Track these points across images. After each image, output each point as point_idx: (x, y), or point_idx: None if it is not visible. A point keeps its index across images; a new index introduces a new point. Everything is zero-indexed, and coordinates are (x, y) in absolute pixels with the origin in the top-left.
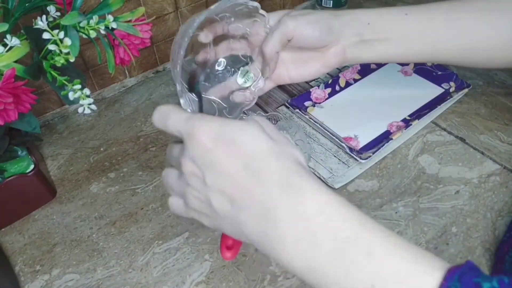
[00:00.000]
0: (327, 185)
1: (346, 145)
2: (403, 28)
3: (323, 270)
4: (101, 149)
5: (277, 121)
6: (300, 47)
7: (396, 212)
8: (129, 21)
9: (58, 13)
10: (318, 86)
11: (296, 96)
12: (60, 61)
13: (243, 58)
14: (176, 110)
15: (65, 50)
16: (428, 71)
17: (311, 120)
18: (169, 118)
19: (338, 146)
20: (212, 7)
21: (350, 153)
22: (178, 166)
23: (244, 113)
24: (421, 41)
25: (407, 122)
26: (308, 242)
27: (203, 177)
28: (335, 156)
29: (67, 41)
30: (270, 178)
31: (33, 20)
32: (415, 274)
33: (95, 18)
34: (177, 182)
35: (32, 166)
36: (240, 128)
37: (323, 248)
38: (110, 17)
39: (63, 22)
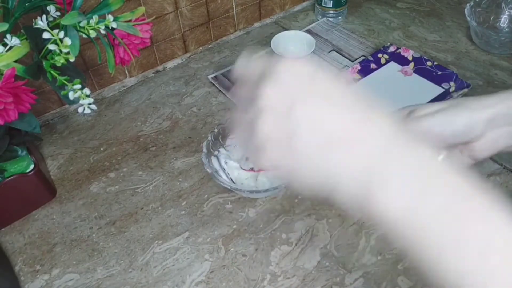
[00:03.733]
0: None
1: None
2: None
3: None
4: (101, 149)
5: None
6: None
7: None
8: (129, 21)
9: (58, 13)
10: None
11: None
12: (60, 60)
13: None
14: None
15: (65, 50)
16: (428, 71)
17: None
18: (255, 57)
19: None
20: None
21: None
22: (252, 104)
23: None
24: None
25: None
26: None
27: (290, 108)
28: None
29: (67, 41)
30: (384, 119)
31: (33, 20)
32: None
33: (95, 18)
34: (246, 121)
35: (32, 166)
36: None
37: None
38: (110, 17)
39: (63, 22)
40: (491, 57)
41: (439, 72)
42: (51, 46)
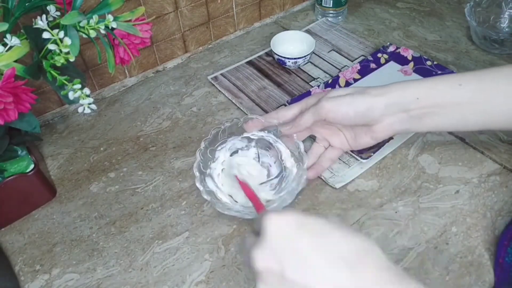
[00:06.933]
0: (328, 185)
1: None
2: (456, 100)
3: None
4: (101, 148)
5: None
6: (340, 124)
7: (396, 212)
8: (129, 20)
9: (58, 13)
10: (318, 86)
11: (296, 96)
12: (60, 60)
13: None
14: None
15: (65, 50)
16: (428, 70)
17: None
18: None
19: None
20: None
21: (350, 152)
22: (251, 262)
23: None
24: (477, 111)
25: None
26: None
27: (281, 272)
28: None
29: (67, 41)
30: (370, 275)
31: (33, 19)
32: None
33: (95, 17)
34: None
35: (32, 166)
36: (325, 221)
37: None
38: (110, 17)
39: (63, 21)
40: (491, 57)
41: (439, 72)
42: (51, 46)
